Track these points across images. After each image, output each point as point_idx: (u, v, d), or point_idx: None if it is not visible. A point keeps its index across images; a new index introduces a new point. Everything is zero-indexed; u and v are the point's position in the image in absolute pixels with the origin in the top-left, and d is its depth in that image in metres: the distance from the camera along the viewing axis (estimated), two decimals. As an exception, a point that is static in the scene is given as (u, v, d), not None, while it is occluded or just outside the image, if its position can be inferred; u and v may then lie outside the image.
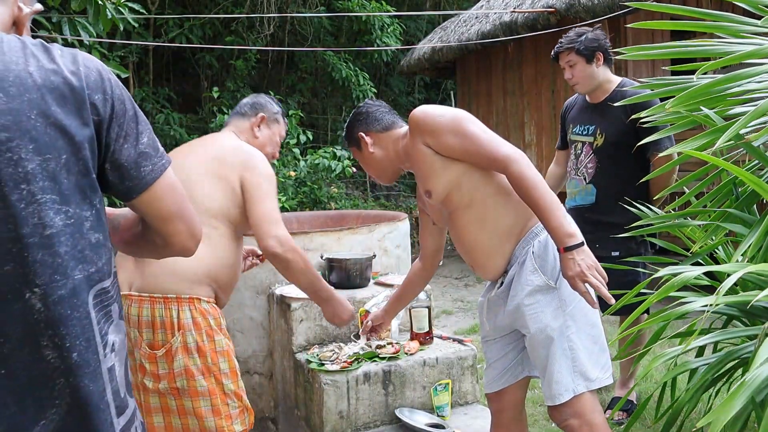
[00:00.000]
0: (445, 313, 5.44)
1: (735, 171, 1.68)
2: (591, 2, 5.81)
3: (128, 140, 0.99)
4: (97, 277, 0.96)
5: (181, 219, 1.06)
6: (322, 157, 7.27)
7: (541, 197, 1.65)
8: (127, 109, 0.99)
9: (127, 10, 4.14)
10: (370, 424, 2.49)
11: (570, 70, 2.91)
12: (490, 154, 1.73)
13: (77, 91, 0.92)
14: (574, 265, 1.62)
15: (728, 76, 1.83)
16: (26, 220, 0.88)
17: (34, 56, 0.91)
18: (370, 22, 8.98)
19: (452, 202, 1.84)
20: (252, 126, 2.21)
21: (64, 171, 0.91)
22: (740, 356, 1.83)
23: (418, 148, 1.83)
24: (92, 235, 0.95)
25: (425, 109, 1.83)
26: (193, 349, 1.86)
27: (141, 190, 1.01)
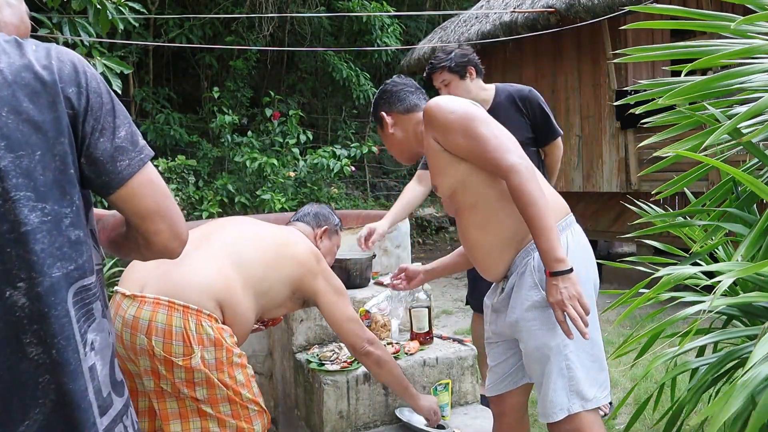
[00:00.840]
0: (445, 313, 5.44)
1: (730, 170, 1.68)
2: (591, 2, 5.81)
3: (104, 134, 0.95)
4: (77, 274, 0.93)
5: (161, 217, 1.01)
6: (321, 157, 7.28)
7: (537, 216, 1.62)
8: (104, 102, 0.96)
9: (127, 9, 4.15)
10: (370, 424, 2.49)
11: (446, 89, 2.92)
12: (494, 160, 1.70)
13: (49, 85, 0.90)
14: (556, 292, 1.60)
15: (723, 74, 1.83)
16: (4, 218, 0.87)
17: (6, 53, 0.90)
18: (370, 22, 8.99)
19: (457, 201, 1.83)
20: (315, 237, 2.29)
21: (39, 167, 0.89)
22: (740, 356, 1.83)
23: (428, 141, 1.81)
24: (72, 232, 0.93)
25: (438, 102, 1.78)
26: (212, 365, 1.77)
27: (117, 186, 0.97)
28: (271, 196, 6.75)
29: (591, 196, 6.73)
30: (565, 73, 6.84)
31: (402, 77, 2.03)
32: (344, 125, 10.09)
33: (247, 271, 1.93)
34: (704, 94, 1.89)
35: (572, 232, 1.79)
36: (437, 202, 10.69)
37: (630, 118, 2.75)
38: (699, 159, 1.74)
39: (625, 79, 6.21)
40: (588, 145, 6.61)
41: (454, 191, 1.81)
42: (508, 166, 1.67)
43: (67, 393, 0.92)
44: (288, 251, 2.05)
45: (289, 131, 7.69)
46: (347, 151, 7.59)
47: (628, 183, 6.14)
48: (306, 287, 2.07)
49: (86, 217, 0.99)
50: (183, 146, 8.02)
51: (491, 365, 1.98)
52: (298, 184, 7.49)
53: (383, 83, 2.05)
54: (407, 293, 2.74)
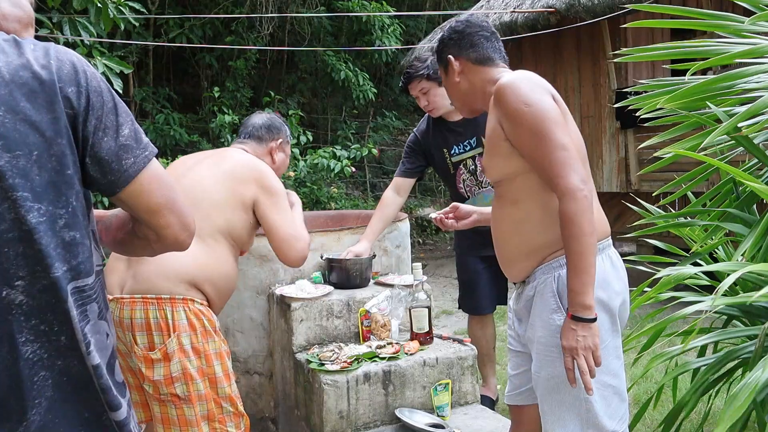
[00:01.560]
0: (445, 313, 5.44)
1: (730, 170, 1.68)
2: (591, 2, 5.81)
3: (108, 133, 0.95)
4: (71, 275, 0.93)
5: (170, 210, 1.02)
6: (321, 157, 7.28)
7: (579, 253, 1.49)
8: (105, 101, 0.95)
9: (127, 9, 4.15)
10: (370, 424, 2.49)
11: (425, 97, 2.89)
12: (555, 177, 1.53)
13: (47, 84, 0.89)
14: (572, 338, 1.50)
15: (724, 75, 1.83)
16: (3, 216, 0.87)
17: (4, 52, 0.89)
18: (370, 22, 8.98)
19: (501, 189, 1.72)
20: (271, 151, 2.25)
21: (36, 167, 0.88)
22: (740, 356, 1.83)
23: (493, 122, 1.64)
24: (66, 233, 0.92)
25: (516, 86, 1.58)
26: (189, 350, 1.81)
27: (124, 184, 0.97)
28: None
29: (591, 196, 6.73)
30: (565, 73, 6.84)
31: (478, 19, 1.84)
32: (344, 125, 10.09)
33: (208, 228, 1.91)
34: (706, 96, 1.89)
35: (608, 255, 1.67)
36: (437, 201, 10.69)
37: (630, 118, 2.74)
38: (701, 159, 1.74)
39: (625, 79, 6.21)
40: (588, 145, 6.56)
41: (502, 180, 1.69)
42: (568, 187, 1.50)
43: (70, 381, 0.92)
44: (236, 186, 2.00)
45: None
46: (347, 152, 7.59)
47: (628, 183, 6.15)
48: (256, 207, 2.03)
49: (87, 218, 0.98)
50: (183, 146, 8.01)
51: (511, 372, 1.89)
52: (298, 184, 7.49)
53: (455, 20, 1.86)
54: (407, 293, 2.74)
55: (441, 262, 7.94)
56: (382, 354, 2.57)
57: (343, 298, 2.76)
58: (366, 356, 2.54)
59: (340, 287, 2.85)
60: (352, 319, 2.76)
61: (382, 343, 2.64)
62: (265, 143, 2.23)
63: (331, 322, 2.73)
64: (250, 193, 2.00)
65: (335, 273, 2.88)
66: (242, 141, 2.24)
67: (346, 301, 2.76)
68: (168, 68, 9.31)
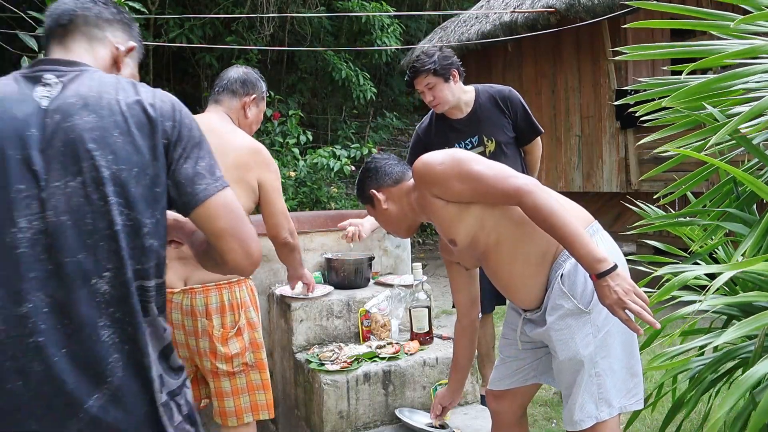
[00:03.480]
0: (445, 313, 5.44)
1: (731, 170, 1.68)
2: (591, 2, 5.81)
3: (188, 161, 1.14)
4: (141, 275, 1.10)
5: (233, 237, 1.16)
6: (321, 157, 7.28)
7: (562, 225, 1.56)
8: (193, 135, 1.17)
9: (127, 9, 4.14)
10: (370, 424, 2.49)
11: (430, 92, 2.88)
12: (501, 191, 1.66)
13: (152, 118, 1.12)
14: (610, 293, 1.52)
15: (724, 75, 1.83)
16: (103, 217, 1.06)
17: (123, 89, 1.13)
18: (370, 22, 8.98)
19: (479, 244, 1.78)
20: (244, 105, 2.27)
21: (134, 181, 1.08)
22: (740, 356, 1.83)
23: (429, 201, 1.78)
24: (147, 240, 1.10)
25: (425, 160, 1.77)
26: (254, 322, 2.15)
27: (195, 205, 1.14)
28: (271, 196, 6.73)
29: (591, 196, 6.73)
30: (565, 73, 6.84)
31: (380, 153, 2.01)
32: (344, 125, 10.09)
33: None
34: (706, 96, 1.89)
35: (601, 238, 1.75)
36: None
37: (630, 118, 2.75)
38: (702, 159, 1.74)
39: (625, 78, 6.21)
40: (588, 145, 6.61)
41: (474, 236, 1.77)
42: (515, 190, 1.63)
43: (136, 366, 1.08)
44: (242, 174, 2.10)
45: (289, 131, 7.69)
46: (347, 152, 7.59)
47: (628, 183, 6.15)
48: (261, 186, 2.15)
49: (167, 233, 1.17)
50: (183, 146, 8.00)
51: (504, 358, 1.96)
52: (298, 184, 7.49)
53: (364, 163, 2.03)
54: (407, 293, 2.74)
55: (441, 262, 7.92)
56: (382, 354, 2.57)
57: (343, 298, 2.77)
58: (366, 356, 2.55)
59: (341, 287, 2.86)
60: (352, 319, 2.76)
61: (382, 343, 2.64)
62: (238, 97, 2.26)
63: (331, 322, 2.73)
64: (255, 175, 2.12)
65: (335, 273, 2.88)
66: (216, 95, 2.29)
67: (346, 301, 2.76)
68: (168, 68, 9.31)
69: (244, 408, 2.15)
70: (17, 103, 1.09)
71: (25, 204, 1.04)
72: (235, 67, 2.34)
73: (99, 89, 1.11)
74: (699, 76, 1.97)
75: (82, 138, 1.07)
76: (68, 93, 1.10)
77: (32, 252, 1.04)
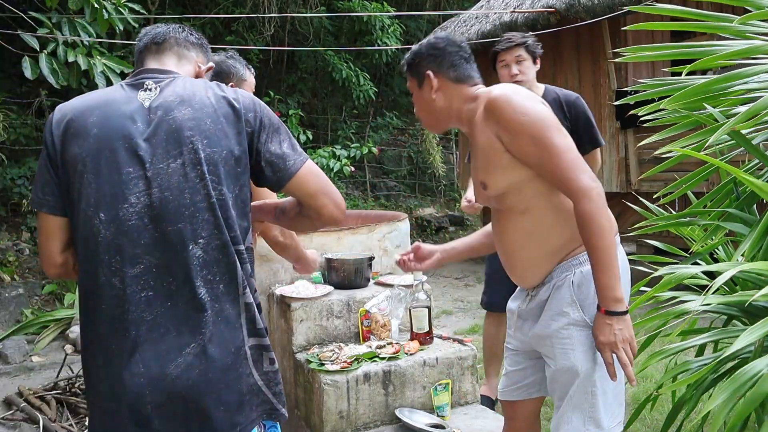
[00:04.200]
0: (445, 313, 5.44)
1: (732, 170, 1.69)
2: (591, 2, 5.81)
3: (273, 144, 1.37)
4: (235, 240, 1.31)
5: (325, 194, 1.40)
6: (321, 157, 7.28)
7: (604, 249, 1.51)
8: (273, 122, 1.39)
9: (127, 10, 4.14)
10: (370, 424, 2.49)
11: (518, 66, 2.90)
12: (566, 180, 1.54)
13: (237, 110, 1.34)
14: (609, 333, 1.51)
15: (725, 76, 1.83)
16: (199, 191, 1.28)
17: (212, 88, 1.37)
18: (371, 22, 8.98)
19: (506, 203, 1.68)
20: None
21: (222, 162, 1.30)
22: (740, 356, 1.83)
23: (488, 136, 1.62)
24: (231, 212, 1.31)
25: (509, 98, 1.59)
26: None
27: (289, 178, 1.37)
28: (271, 196, 6.74)
29: (591, 196, 6.72)
30: (565, 73, 6.84)
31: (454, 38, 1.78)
32: (344, 125, 10.09)
33: None
34: (707, 97, 1.89)
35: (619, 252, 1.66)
36: (437, 202, 10.69)
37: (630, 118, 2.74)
38: (703, 159, 1.74)
39: (625, 79, 6.21)
40: (588, 145, 6.60)
41: (505, 193, 1.66)
42: (581, 188, 1.52)
43: (227, 315, 1.30)
44: None
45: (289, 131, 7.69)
46: (347, 152, 7.59)
47: (628, 183, 6.14)
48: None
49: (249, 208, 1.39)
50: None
51: (508, 369, 1.89)
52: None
53: (433, 36, 1.82)
54: (407, 293, 2.74)
55: (441, 262, 7.92)
56: (382, 354, 2.57)
57: (343, 298, 2.77)
58: (366, 356, 2.55)
59: (341, 287, 2.85)
60: (352, 319, 2.76)
61: (382, 343, 2.64)
62: None
63: (331, 322, 2.73)
64: None
65: (335, 273, 2.88)
66: None
67: (346, 301, 2.76)
68: (168, 68, 9.30)
69: None
70: (125, 104, 1.33)
71: (134, 183, 1.27)
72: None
73: (192, 89, 1.35)
74: (699, 76, 1.97)
75: (182, 127, 1.29)
76: (166, 93, 1.34)
77: (141, 223, 1.27)
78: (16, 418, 3.42)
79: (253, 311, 1.34)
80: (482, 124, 1.64)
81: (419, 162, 10.88)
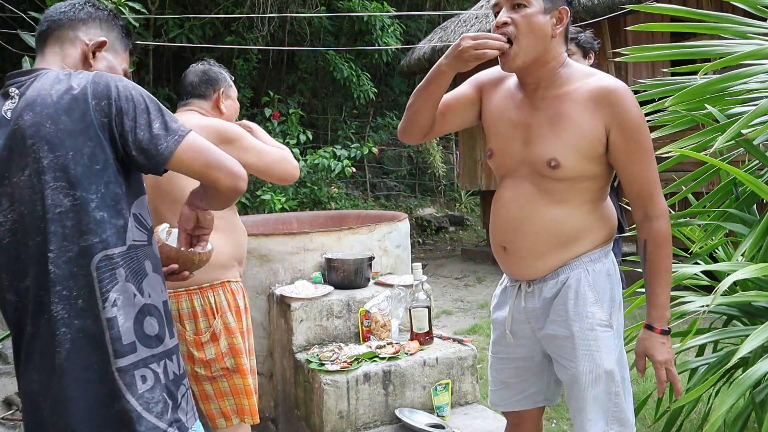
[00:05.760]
0: (445, 313, 5.44)
1: (733, 171, 1.69)
2: (591, 2, 5.81)
3: (142, 128, 1.22)
4: (101, 246, 1.20)
5: (214, 168, 1.26)
6: (321, 157, 7.28)
7: (668, 270, 1.56)
8: (138, 104, 1.23)
9: (127, 9, 4.14)
10: (370, 424, 2.49)
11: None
12: (651, 196, 1.55)
13: (82, 102, 1.19)
14: (666, 351, 1.55)
15: (726, 76, 1.83)
16: (46, 201, 1.18)
17: (59, 82, 1.22)
18: (371, 22, 8.98)
19: (553, 184, 1.58)
20: (216, 103, 2.23)
21: (72, 163, 1.18)
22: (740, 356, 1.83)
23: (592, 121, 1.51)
24: (97, 213, 1.19)
25: (633, 98, 1.53)
26: (233, 328, 2.07)
27: (165, 162, 1.23)
28: (271, 196, 6.75)
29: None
30: (565, 73, 6.83)
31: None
32: (344, 125, 10.09)
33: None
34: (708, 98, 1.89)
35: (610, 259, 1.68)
36: (437, 202, 10.70)
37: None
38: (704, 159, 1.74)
39: (625, 79, 6.21)
40: (588, 145, 6.60)
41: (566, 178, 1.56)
42: (662, 209, 1.56)
43: (85, 335, 1.19)
44: None
45: (289, 131, 7.69)
46: (347, 152, 7.59)
47: (628, 183, 6.14)
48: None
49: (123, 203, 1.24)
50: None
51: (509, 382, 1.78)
52: (298, 184, 7.49)
53: None
54: (407, 293, 2.74)
55: (441, 262, 7.94)
56: (382, 354, 2.57)
57: (343, 298, 2.77)
58: (366, 356, 2.55)
59: (341, 287, 2.85)
60: (352, 319, 2.76)
61: (382, 343, 2.64)
62: (208, 98, 2.22)
63: (331, 322, 2.74)
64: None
65: (335, 273, 2.88)
66: (186, 102, 2.23)
67: (346, 301, 2.76)
68: (168, 68, 9.30)
69: (230, 410, 2.12)
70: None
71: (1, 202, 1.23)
72: (192, 68, 2.28)
73: (39, 88, 1.22)
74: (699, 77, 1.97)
75: (24, 135, 1.20)
76: (21, 100, 1.24)
77: (14, 239, 1.22)
78: (16, 418, 3.43)
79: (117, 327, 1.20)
80: (585, 106, 1.53)
81: (419, 162, 10.89)
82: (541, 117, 1.58)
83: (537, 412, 1.82)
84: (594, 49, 2.97)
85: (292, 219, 4.04)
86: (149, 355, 1.25)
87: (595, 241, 1.62)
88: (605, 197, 1.65)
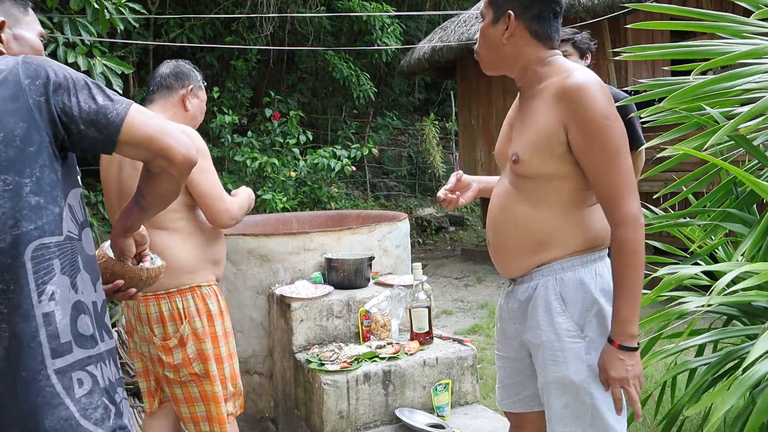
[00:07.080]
0: (445, 313, 5.44)
1: (733, 170, 1.69)
2: (591, 2, 5.81)
3: (86, 101, 1.16)
4: (36, 233, 1.11)
5: (165, 134, 1.20)
6: (321, 157, 7.28)
7: (633, 282, 1.45)
8: (77, 81, 1.17)
9: (127, 10, 4.15)
10: (370, 424, 2.49)
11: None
12: (617, 199, 1.45)
13: (11, 82, 1.12)
14: (621, 368, 1.46)
15: (722, 76, 1.83)
16: None
17: None
18: (371, 22, 8.99)
19: (527, 184, 1.56)
20: (182, 99, 2.17)
21: (2, 146, 1.09)
22: (740, 356, 1.83)
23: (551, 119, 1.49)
24: (32, 198, 1.11)
25: (594, 93, 1.44)
26: (201, 334, 2.04)
27: (118, 128, 1.17)
28: (272, 196, 6.76)
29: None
30: (565, 73, 6.84)
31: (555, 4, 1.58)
32: (344, 125, 10.10)
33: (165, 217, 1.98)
34: (706, 97, 1.89)
35: (605, 264, 1.59)
36: (437, 202, 10.69)
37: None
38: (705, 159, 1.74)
39: (625, 79, 6.21)
40: (588, 145, 6.60)
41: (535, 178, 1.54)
42: (628, 214, 1.45)
43: (20, 333, 1.07)
44: None
45: (289, 131, 7.70)
46: (347, 152, 7.59)
47: (628, 183, 6.15)
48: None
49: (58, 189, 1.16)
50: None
51: (505, 381, 1.79)
52: (298, 184, 7.49)
53: None
54: (407, 293, 2.74)
55: (441, 262, 7.94)
56: (382, 354, 2.57)
57: (343, 298, 2.77)
58: (366, 356, 2.55)
59: (341, 287, 2.86)
60: (352, 319, 2.76)
61: (382, 343, 2.64)
62: (175, 92, 2.16)
63: (331, 322, 2.74)
64: None
65: (335, 273, 2.88)
66: (150, 95, 2.18)
67: (346, 301, 2.76)
68: (168, 68, 9.31)
69: (200, 416, 2.09)
70: None
71: None
72: (165, 63, 2.24)
73: None
74: (698, 76, 1.97)
75: None
76: None
77: None
78: None
79: (55, 324, 1.10)
80: (549, 102, 1.50)
81: (419, 162, 10.89)
82: (520, 115, 1.62)
83: (537, 417, 1.78)
84: (591, 49, 2.98)
85: (292, 219, 4.04)
86: (86, 356, 1.15)
87: (568, 248, 1.55)
88: (585, 202, 1.55)
